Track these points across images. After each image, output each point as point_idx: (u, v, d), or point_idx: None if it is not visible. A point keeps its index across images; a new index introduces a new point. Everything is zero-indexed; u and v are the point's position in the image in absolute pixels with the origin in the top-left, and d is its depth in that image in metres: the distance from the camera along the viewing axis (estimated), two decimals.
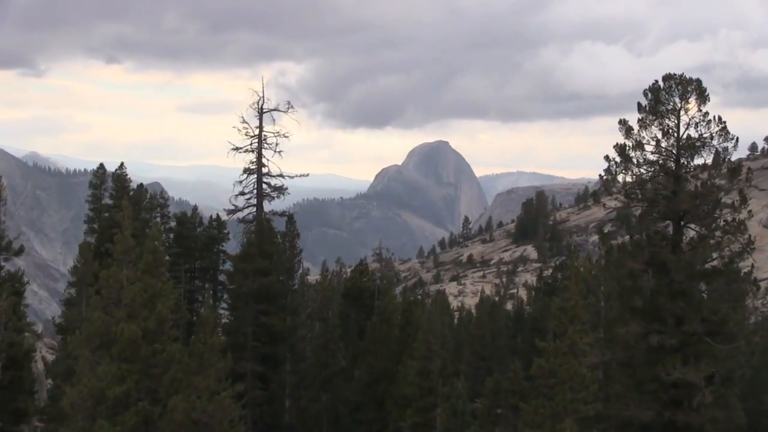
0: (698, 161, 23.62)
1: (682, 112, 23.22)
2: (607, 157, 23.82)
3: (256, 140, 42.65)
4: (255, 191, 43.09)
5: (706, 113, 22.97)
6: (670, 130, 23.32)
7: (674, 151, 23.43)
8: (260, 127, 42.75)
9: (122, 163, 45.09)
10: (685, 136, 23.24)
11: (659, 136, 23.45)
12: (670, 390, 22.68)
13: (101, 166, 45.92)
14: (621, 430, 23.72)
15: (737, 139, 23.05)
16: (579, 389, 22.48)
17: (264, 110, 42.75)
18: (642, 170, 23.75)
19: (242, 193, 43.32)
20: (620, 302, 24.79)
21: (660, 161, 23.62)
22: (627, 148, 23.58)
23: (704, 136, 23.00)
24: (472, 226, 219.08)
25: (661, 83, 23.34)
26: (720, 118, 22.91)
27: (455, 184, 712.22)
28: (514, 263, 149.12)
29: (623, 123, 23.87)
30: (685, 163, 23.56)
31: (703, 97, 23.01)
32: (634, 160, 23.60)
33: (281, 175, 43.21)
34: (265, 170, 43.00)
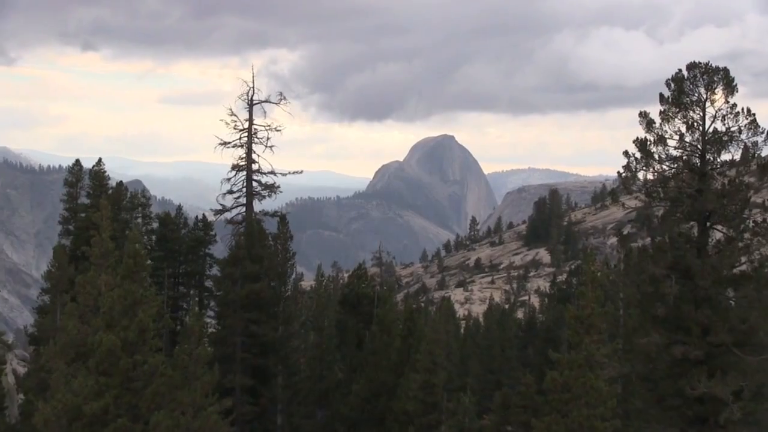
0: (725, 157, 23.61)
1: (707, 104, 23.20)
2: (626, 153, 23.82)
3: (246, 134, 42.64)
4: (244, 189, 43.07)
5: (734, 105, 22.96)
6: (695, 124, 23.30)
7: (699, 146, 23.41)
8: (250, 120, 42.76)
9: (100, 159, 45.15)
10: (711, 130, 23.22)
11: (683, 129, 23.44)
12: (695, 406, 22.67)
13: (77, 162, 46.00)
14: None
15: None
16: (596, 405, 22.45)
17: (254, 102, 42.75)
18: (664, 167, 23.74)
19: (230, 192, 43.30)
20: (641, 310, 24.77)
21: (684, 157, 23.61)
22: (648, 142, 23.57)
23: (732, 129, 22.99)
24: (479, 227, 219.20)
25: (685, 72, 23.32)
26: (749, 110, 22.89)
27: (461, 181, 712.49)
28: (525, 268, 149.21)
29: (644, 116, 23.86)
30: (711, 159, 23.54)
31: (730, 87, 22.99)
32: (656, 156, 23.59)
33: (273, 172, 43.21)
34: (255, 167, 42.99)
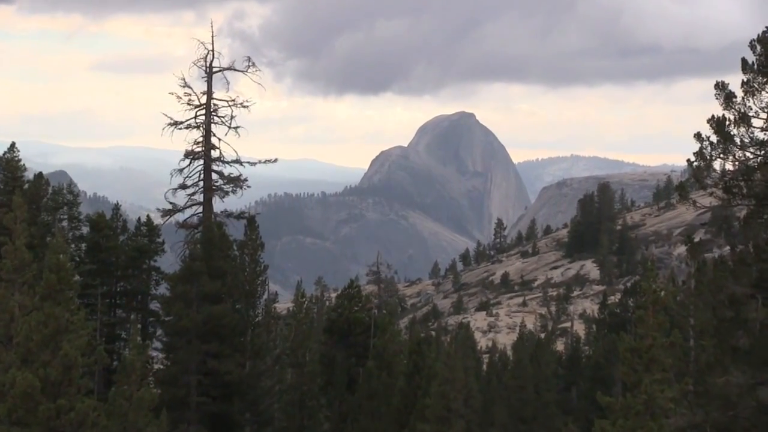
0: None
1: None
2: (698, 136, 23.82)
3: (203, 111, 42.67)
4: (201, 183, 43.09)
5: None
6: None
7: None
8: (209, 93, 42.78)
9: (13, 144, 45.22)
10: None
11: None
12: None
13: None
14: None
15: None
16: None
17: (214, 69, 42.79)
18: (748, 154, 23.75)
19: (183, 187, 43.32)
20: (717, 341, 24.76)
21: None
22: (727, 122, 23.58)
23: None
24: (507, 232, 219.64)
25: None
26: None
27: (484, 173, 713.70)
28: (566, 286, 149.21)
29: (721, 88, 23.87)
30: None
31: None
32: (737, 140, 23.59)
33: (238, 161, 43.24)
34: (215, 153, 43.04)
